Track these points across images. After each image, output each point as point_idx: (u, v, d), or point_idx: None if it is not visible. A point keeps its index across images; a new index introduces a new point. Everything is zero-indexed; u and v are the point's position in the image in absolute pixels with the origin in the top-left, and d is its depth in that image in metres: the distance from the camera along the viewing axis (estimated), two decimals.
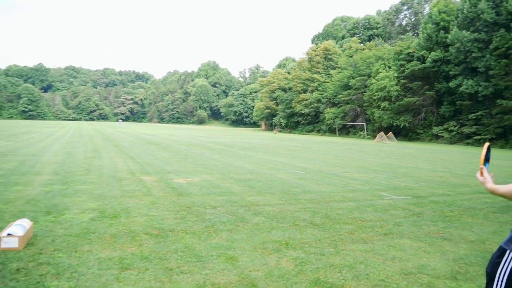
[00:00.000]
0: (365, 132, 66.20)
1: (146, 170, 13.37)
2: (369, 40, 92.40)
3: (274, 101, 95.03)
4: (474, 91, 49.10)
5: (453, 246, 6.21)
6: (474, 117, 49.79)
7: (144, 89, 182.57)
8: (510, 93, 45.89)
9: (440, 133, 53.94)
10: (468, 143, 49.73)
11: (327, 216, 7.72)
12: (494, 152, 35.81)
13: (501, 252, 2.50)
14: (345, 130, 72.41)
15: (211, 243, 5.81)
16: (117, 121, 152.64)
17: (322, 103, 76.94)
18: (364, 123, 66.81)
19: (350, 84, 69.20)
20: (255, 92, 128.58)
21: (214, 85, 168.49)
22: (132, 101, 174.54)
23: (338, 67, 76.80)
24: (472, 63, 50.02)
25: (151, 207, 7.89)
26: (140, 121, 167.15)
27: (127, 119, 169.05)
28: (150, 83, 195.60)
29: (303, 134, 77.34)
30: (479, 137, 48.61)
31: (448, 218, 8.14)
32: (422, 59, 56.81)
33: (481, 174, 2.63)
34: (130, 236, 5.97)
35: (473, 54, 48.98)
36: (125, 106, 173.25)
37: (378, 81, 59.59)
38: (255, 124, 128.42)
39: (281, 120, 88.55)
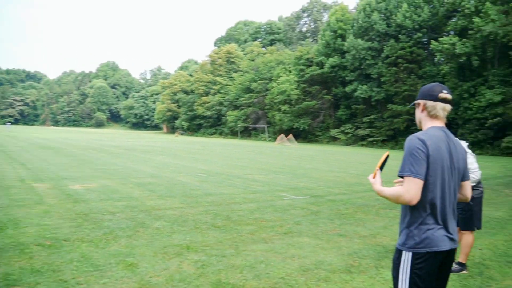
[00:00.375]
0: (267, 134, 67.85)
1: (38, 176, 12.48)
2: (271, 44, 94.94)
3: (176, 104, 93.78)
4: (368, 96, 52.65)
5: (348, 241, 6.61)
6: (367, 120, 53.35)
7: (36, 90, 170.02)
8: (399, 99, 49.92)
9: (337, 135, 57.00)
10: (362, 145, 53.18)
11: (228, 218, 7.80)
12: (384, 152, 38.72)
13: (398, 254, 2.64)
14: (247, 133, 73.59)
15: (109, 250, 5.58)
16: (5, 124, 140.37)
17: (224, 106, 77.44)
18: (266, 126, 68.45)
19: (252, 87, 70.49)
20: (157, 94, 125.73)
21: (113, 87, 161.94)
22: (23, 103, 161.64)
23: (240, 71, 77.89)
24: (366, 70, 53.61)
25: (44, 216, 7.39)
26: (32, 124, 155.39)
27: (16, 122, 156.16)
28: (43, 83, 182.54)
29: (205, 136, 77.31)
30: (372, 138, 52.24)
31: (344, 215, 8.64)
32: (321, 65, 59.67)
33: (374, 176, 2.83)
34: (19, 248, 5.54)
35: (367, 61, 52.53)
36: (14, 108, 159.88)
37: (279, 84, 61.43)
38: (156, 127, 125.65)
39: (183, 123, 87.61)
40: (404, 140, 49.04)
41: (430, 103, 2.74)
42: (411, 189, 2.52)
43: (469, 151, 5.31)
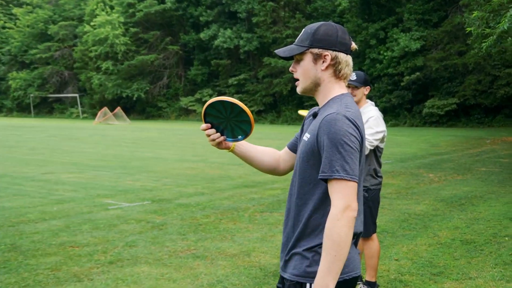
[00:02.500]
0: (80, 108, 66.16)
1: None
2: None
3: None
4: (234, 46, 53.84)
5: (209, 265, 6.68)
6: (235, 82, 54.73)
7: None
8: (279, 48, 51.75)
9: (191, 106, 57.53)
10: None
11: (14, 248, 7.45)
12: (263, 128, 40.03)
13: None
14: (46, 107, 70.92)
15: None
16: None
17: (3, 63, 73.81)
18: (77, 95, 66.63)
19: (49, 32, 67.83)
20: None
21: None
22: None
23: (28, 4, 74.30)
24: (230, 6, 54.63)
25: None
26: None
27: None
28: None
29: None
30: None
31: (202, 226, 8.73)
32: None
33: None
34: None
35: None
36: None
37: (95, 29, 59.93)
38: None
39: None
40: (288, 110, 51.38)
41: (342, 56, 2.70)
42: (350, 198, 2.46)
43: (374, 114, 5.64)
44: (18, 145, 24.59)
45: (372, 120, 5.57)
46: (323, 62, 2.68)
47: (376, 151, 5.73)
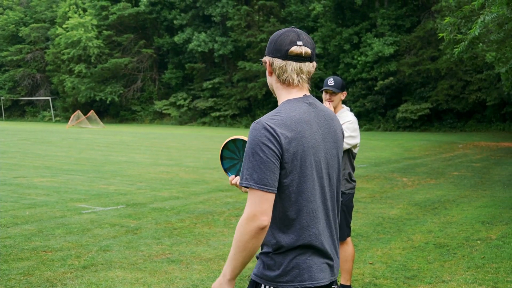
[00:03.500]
0: (52, 112, 65.51)
1: None
2: None
3: None
4: (208, 50, 53.80)
5: (184, 270, 6.67)
6: (210, 86, 54.63)
7: None
8: (253, 53, 51.92)
9: (165, 109, 57.38)
10: (203, 123, 54.40)
11: None
12: (238, 132, 39.97)
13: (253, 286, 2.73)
14: (17, 110, 70.11)
15: None
16: None
17: None
18: (50, 98, 66.00)
19: (20, 34, 67.08)
20: None
21: None
22: None
23: None
24: (204, 9, 54.58)
25: None
26: None
27: None
28: None
29: None
30: (217, 113, 53.70)
31: (177, 230, 8.72)
32: (135, 1, 59.18)
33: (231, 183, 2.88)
34: None
35: None
36: None
37: (68, 31, 59.45)
38: None
39: None
40: (263, 114, 51.17)
41: (277, 62, 2.69)
42: (256, 207, 2.50)
43: (351, 119, 5.69)
44: None
45: (349, 124, 5.62)
46: (266, 67, 2.77)
47: (350, 156, 5.78)
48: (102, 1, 60.05)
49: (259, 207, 2.48)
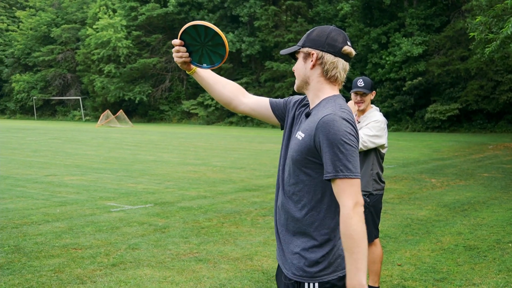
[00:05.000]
0: (82, 111, 66.17)
1: None
2: None
3: None
4: (236, 50, 53.92)
5: (211, 269, 6.68)
6: None
7: None
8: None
9: (193, 109, 57.59)
10: (231, 123, 54.49)
11: (17, 250, 7.44)
12: (266, 133, 40.02)
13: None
14: (49, 109, 70.94)
15: None
16: None
17: (6, 66, 73.78)
18: (80, 98, 66.62)
19: (52, 35, 67.85)
20: None
21: None
22: None
23: (31, 7, 74.34)
24: (232, 10, 54.73)
25: None
26: None
27: None
28: None
29: None
30: None
31: (205, 230, 8.72)
32: (164, 1, 59.45)
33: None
34: None
35: None
36: None
37: (98, 32, 59.94)
38: None
39: None
40: None
41: (329, 57, 2.76)
42: (358, 196, 2.57)
43: (378, 118, 5.63)
44: (20, 147, 24.58)
45: (374, 123, 5.55)
46: (311, 61, 2.79)
47: (378, 156, 5.72)
48: (131, 2, 60.47)
49: (358, 193, 2.57)
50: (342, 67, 2.78)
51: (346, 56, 2.78)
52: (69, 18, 68.37)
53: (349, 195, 2.54)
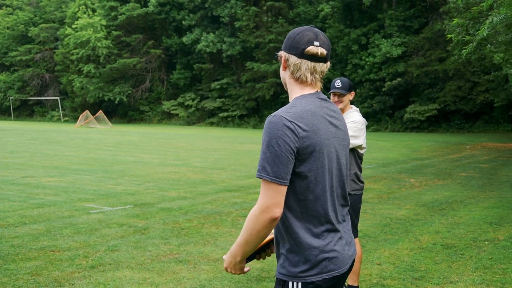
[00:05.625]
0: (61, 111, 65.67)
1: None
2: None
3: None
4: (216, 50, 53.84)
5: (192, 270, 6.67)
6: (218, 87, 54.63)
7: None
8: (262, 54, 51.92)
9: (173, 110, 57.43)
10: (211, 123, 54.39)
11: None
12: (246, 133, 40.06)
13: (282, 286, 2.80)
14: (26, 110, 70.27)
15: None
16: None
17: None
18: (58, 98, 66.14)
19: (30, 34, 67.25)
20: None
21: None
22: None
23: (7, 6, 73.59)
24: (212, 10, 54.62)
25: None
26: None
27: None
28: None
29: None
30: (225, 113, 53.71)
31: (185, 231, 8.71)
32: (144, 1, 59.25)
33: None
34: None
35: None
36: None
37: (77, 32, 59.51)
38: None
39: None
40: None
41: (293, 59, 2.80)
42: (269, 199, 2.62)
43: (356, 119, 5.67)
44: None
45: (352, 124, 5.57)
46: (281, 62, 2.87)
47: (356, 157, 5.76)
48: (111, 2, 60.14)
49: (272, 199, 2.60)
50: (306, 68, 2.77)
51: (313, 57, 2.76)
52: (47, 17, 67.82)
53: (262, 197, 2.63)
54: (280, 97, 51.19)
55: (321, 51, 2.76)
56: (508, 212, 10.64)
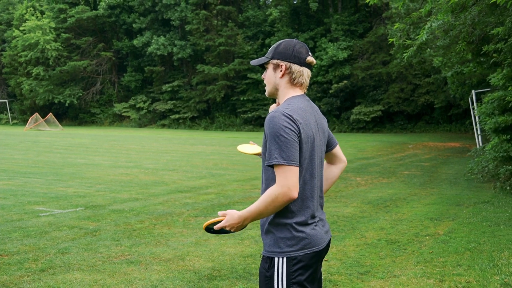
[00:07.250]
0: (9, 114, 64.43)
1: None
2: None
3: None
4: (167, 53, 53.58)
5: (143, 270, 6.62)
6: (169, 89, 54.39)
7: None
8: (212, 56, 51.92)
9: (125, 112, 56.98)
10: (163, 125, 54.11)
11: None
12: (197, 134, 39.95)
13: (269, 263, 3.11)
14: None
15: None
16: None
17: None
18: (7, 101, 64.91)
19: None
20: None
21: None
22: None
23: None
24: (163, 13, 54.33)
25: None
26: None
27: None
28: None
29: None
30: (177, 115, 53.49)
31: (137, 232, 8.64)
32: (94, 4, 58.56)
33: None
34: None
35: (164, 1, 53.27)
36: None
37: (25, 34, 58.39)
38: None
39: None
40: (222, 116, 51.49)
41: (296, 67, 3.26)
42: (288, 180, 2.96)
43: None
44: None
45: None
46: (280, 71, 3.27)
47: None
48: (60, 4, 59.14)
49: (290, 179, 2.96)
50: (306, 74, 3.30)
51: (309, 65, 3.31)
52: None
53: (281, 179, 2.96)
54: (230, 99, 51.33)
55: (314, 61, 3.36)
56: (447, 208, 10.91)
